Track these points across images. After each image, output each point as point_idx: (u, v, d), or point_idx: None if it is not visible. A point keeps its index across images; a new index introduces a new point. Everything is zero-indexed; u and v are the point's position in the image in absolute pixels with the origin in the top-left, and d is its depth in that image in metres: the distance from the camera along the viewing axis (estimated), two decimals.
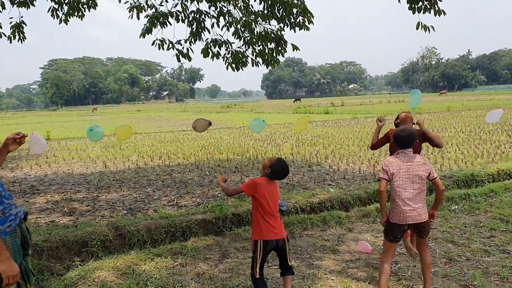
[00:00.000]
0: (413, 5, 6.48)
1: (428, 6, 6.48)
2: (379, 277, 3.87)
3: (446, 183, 8.04)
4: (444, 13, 6.43)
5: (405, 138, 3.91)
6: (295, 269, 4.71)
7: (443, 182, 8.02)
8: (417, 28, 6.44)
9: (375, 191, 7.50)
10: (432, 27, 6.40)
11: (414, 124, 4.97)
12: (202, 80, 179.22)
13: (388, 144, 5.24)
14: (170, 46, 8.94)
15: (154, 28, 8.98)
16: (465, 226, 5.97)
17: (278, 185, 3.98)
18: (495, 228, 5.81)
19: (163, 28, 9.09)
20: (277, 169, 3.88)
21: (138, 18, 8.94)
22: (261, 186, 3.84)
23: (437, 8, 6.39)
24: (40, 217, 6.92)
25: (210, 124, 5.04)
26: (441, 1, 6.51)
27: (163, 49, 8.91)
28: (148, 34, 9.02)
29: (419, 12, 6.43)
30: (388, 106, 42.39)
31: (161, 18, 8.98)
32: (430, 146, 12.83)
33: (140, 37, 9.05)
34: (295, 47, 8.30)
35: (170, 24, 9.12)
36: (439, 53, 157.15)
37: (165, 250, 5.34)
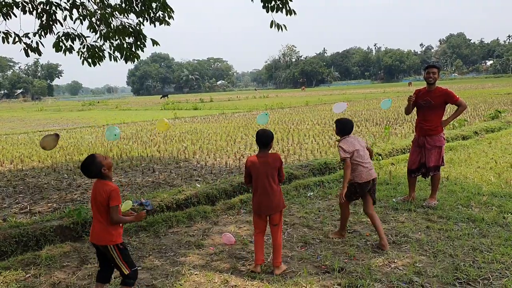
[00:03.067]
0: (266, 4, 6.79)
1: (280, 6, 6.84)
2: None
3: (303, 171, 8.62)
4: (295, 13, 6.85)
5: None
6: (158, 269, 4.67)
7: (300, 171, 8.62)
8: (271, 27, 6.78)
9: (239, 183, 7.75)
10: (285, 26, 6.79)
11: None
12: (61, 76, 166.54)
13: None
14: (17, 39, 8.15)
15: None
16: (319, 211, 6.48)
17: (103, 186, 3.66)
18: None
19: (7, 19, 8.27)
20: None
21: None
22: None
23: (288, 8, 6.78)
24: None
25: (58, 136, 4.64)
26: (292, 1, 6.93)
27: (8, 42, 8.11)
28: None
29: (272, 11, 6.76)
30: (254, 102, 44.07)
31: (5, 9, 8.14)
32: (290, 139, 13.67)
33: None
34: (155, 42, 8.14)
35: (15, 16, 8.33)
36: (299, 51, 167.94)
37: (15, 262, 4.88)
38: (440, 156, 6.53)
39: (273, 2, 6.76)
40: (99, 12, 8.03)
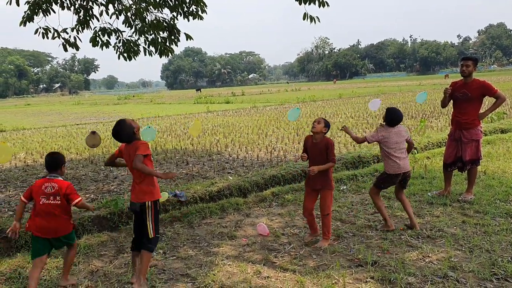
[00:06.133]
0: None
1: None
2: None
3: (336, 165, 8.55)
4: (328, 4, 6.79)
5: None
6: (192, 259, 4.76)
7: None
8: (304, 19, 6.75)
9: (271, 176, 7.79)
10: (317, 18, 6.73)
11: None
12: (98, 70, 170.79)
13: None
14: (56, 34, 8.41)
15: (36, 16, 8.39)
16: (352, 205, 6.44)
17: (134, 145, 4.03)
18: None
19: (47, 15, 8.53)
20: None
21: (18, 5, 8.28)
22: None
23: (321, 0, 6.72)
24: None
25: (94, 133, 5.03)
26: None
27: (47, 38, 8.38)
28: (29, 22, 8.41)
29: (304, 3, 6.72)
30: (285, 95, 43.91)
31: (44, 5, 8.41)
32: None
33: (20, 25, 8.41)
34: (188, 37, 8.24)
35: (54, 12, 8.58)
36: (332, 43, 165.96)
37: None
38: (477, 150, 6.36)
39: None
40: (134, 7, 8.18)
